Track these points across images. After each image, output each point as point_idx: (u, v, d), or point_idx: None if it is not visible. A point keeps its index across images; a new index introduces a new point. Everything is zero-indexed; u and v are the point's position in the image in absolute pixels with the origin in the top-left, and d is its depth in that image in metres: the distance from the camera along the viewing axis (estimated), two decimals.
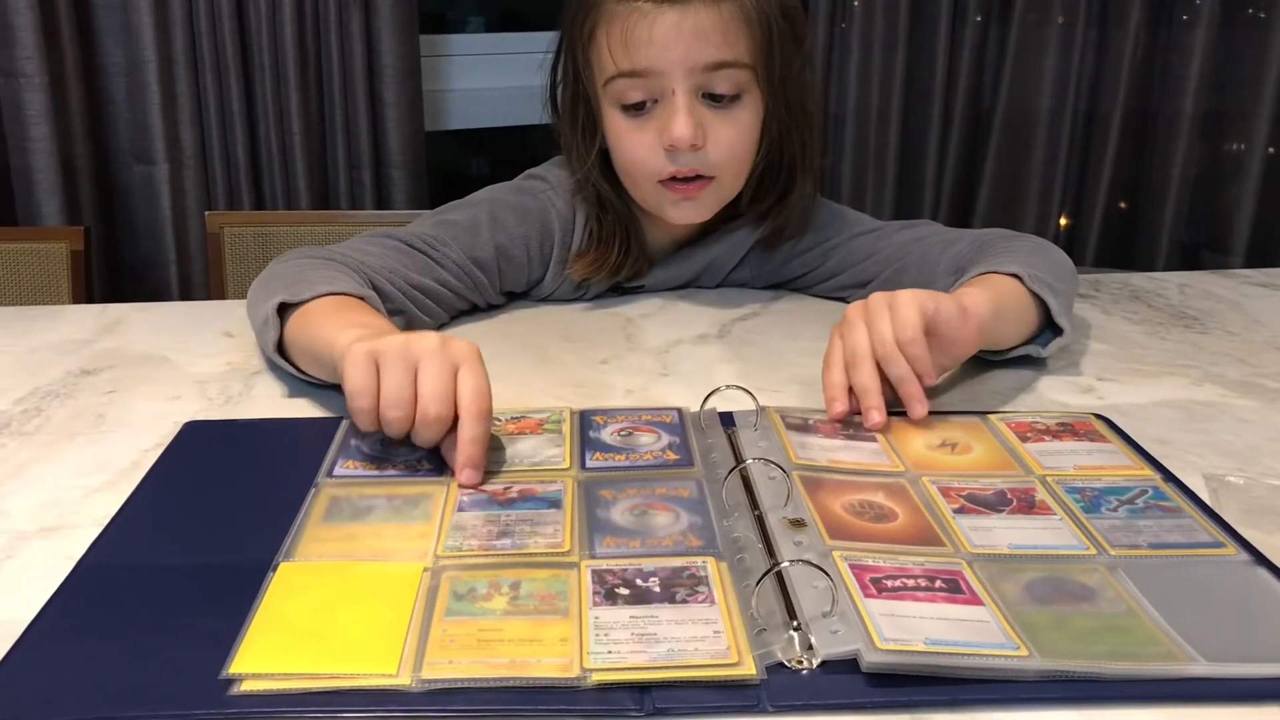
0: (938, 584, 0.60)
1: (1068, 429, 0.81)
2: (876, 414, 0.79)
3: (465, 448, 0.70)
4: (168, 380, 0.91)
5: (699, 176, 1.01)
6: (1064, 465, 0.75)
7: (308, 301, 0.85)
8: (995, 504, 0.69)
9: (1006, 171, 2.13)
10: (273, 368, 0.91)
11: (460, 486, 0.71)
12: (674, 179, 1.01)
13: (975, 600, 0.58)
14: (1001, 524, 0.67)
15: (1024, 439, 0.79)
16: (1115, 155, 2.11)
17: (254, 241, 1.50)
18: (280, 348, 0.87)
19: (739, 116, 1.00)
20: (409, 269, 0.99)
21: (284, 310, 0.86)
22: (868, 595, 0.58)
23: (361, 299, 0.87)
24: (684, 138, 0.96)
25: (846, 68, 2.05)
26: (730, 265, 1.15)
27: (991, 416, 0.83)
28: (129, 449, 0.78)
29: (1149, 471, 0.75)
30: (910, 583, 0.60)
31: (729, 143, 1.00)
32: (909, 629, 0.55)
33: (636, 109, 0.99)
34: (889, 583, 0.59)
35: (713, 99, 0.98)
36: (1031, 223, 2.14)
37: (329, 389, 0.85)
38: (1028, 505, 0.69)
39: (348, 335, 0.75)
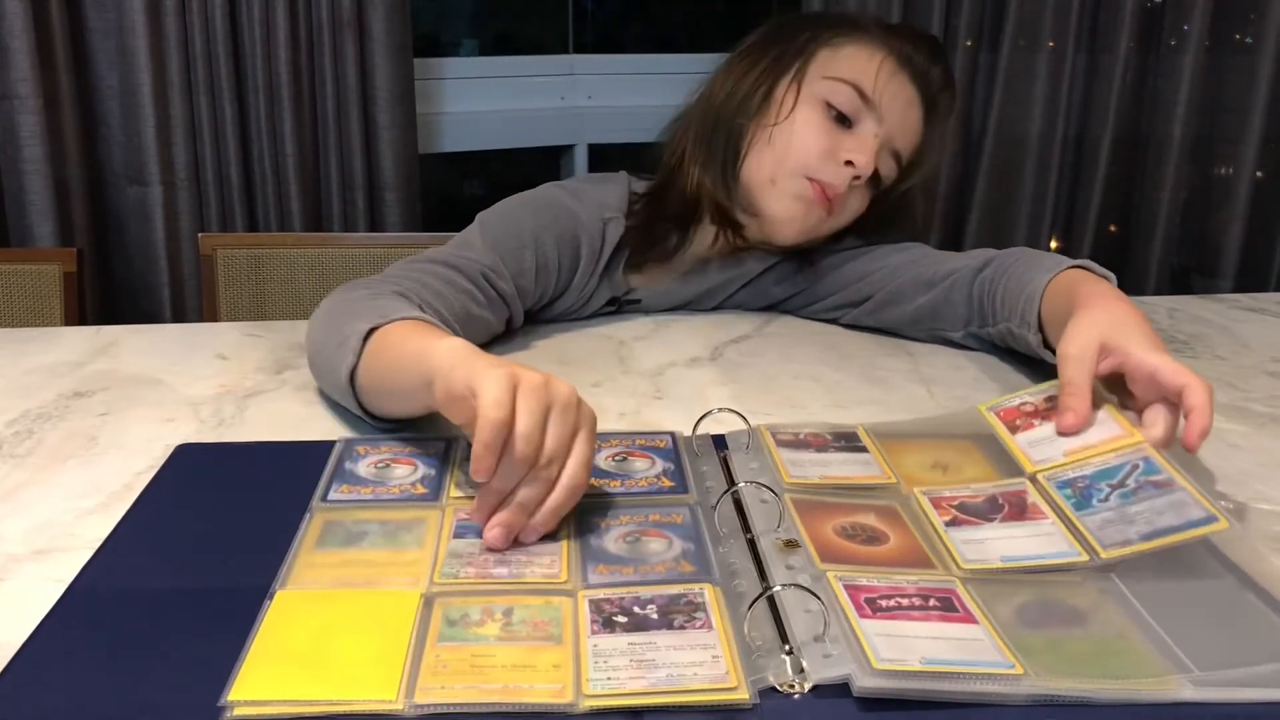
0: (931, 603, 0.60)
1: (1054, 403, 0.79)
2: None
3: (545, 514, 0.67)
4: (161, 403, 0.91)
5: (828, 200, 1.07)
6: (1054, 455, 0.75)
7: (390, 324, 0.82)
8: (986, 511, 0.70)
9: (997, 195, 2.14)
10: (327, 400, 0.88)
11: (487, 542, 0.66)
12: (818, 182, 1.06)
13: (969, 619, 0.59)
14: (993, 534, 0.67)
15: (1014, 429, 0.79)
16: (1105, 179, 2.12)
17: (247, 264, 1.50)
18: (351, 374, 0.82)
19: (870, 194, 1.11)
20: (470, 310, 0.98)
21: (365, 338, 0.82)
22: (863, 615, 0.58)
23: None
24: (864, 165, 1.05)
25: None
26: (730, 291, 1.16)
27: (981, 408, 0.83)
28: (122, 472, 0.78)
29: (1138, 437, 0.73)
30: (905, 602, 0.60)
31: (854, 210, 1.11)
32: (905, 649, 0.55)
33: (839, 118, 1.06)
34: (884, 602, 0.59)
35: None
36: (1022, 246, 2.15)
37: (326, 414, 0.85)
38: (1019, 510, 0.70)
39: (443, 344, 0.73)
